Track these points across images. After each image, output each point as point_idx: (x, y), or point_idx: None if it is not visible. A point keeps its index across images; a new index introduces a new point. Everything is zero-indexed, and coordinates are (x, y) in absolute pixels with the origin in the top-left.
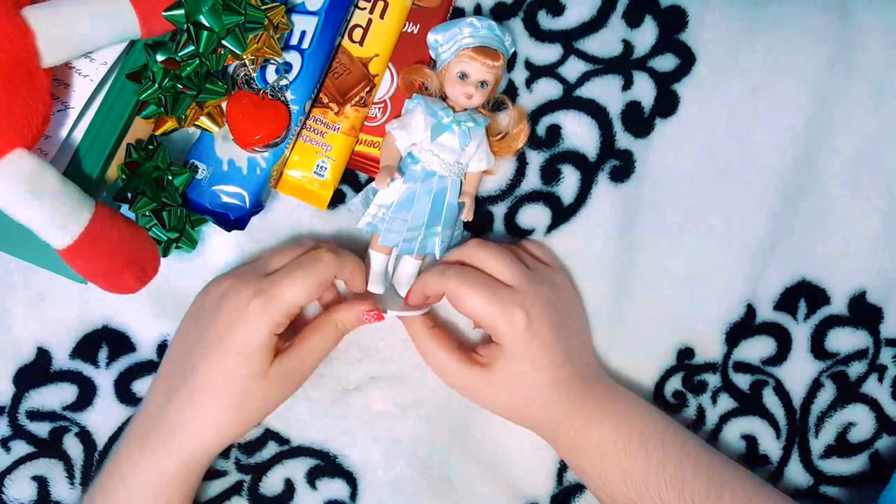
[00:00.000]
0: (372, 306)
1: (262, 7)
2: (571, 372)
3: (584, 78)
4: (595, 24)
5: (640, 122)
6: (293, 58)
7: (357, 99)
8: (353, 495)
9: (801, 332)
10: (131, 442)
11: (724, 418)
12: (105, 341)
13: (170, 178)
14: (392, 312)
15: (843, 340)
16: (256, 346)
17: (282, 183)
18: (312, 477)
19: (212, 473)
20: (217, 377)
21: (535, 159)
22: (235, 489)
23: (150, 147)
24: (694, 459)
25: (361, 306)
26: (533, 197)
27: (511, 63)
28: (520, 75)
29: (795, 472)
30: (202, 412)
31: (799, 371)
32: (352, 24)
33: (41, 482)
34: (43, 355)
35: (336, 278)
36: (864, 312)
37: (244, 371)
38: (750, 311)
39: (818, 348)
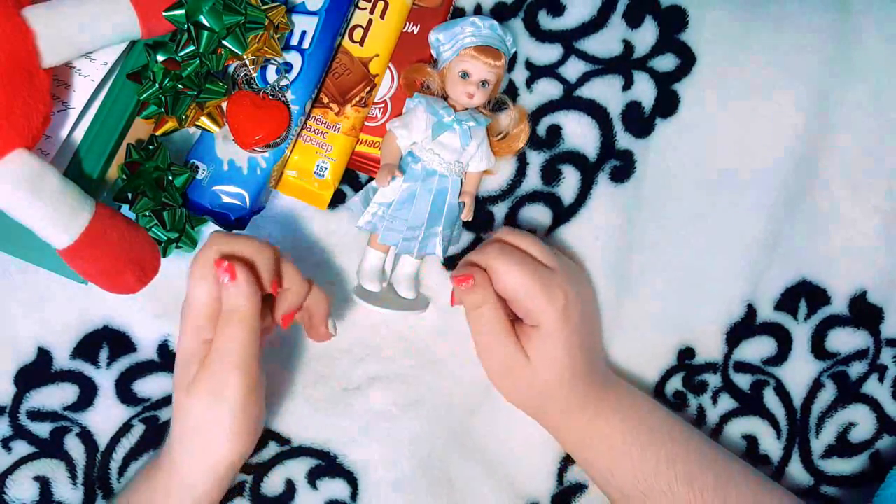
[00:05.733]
0: (225, 267)
1: (263, 7)
2: (591, 363)
3: (585, 78)
4: (595, 24)
5: (640, 122)
6: (293, 58)
7: (357, 99)
8: (354, 495)
9: (801, 332)
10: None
11: (725, 418)
12: (106, 341)
13: (170, 178)
14: (390, 311)
15: (844, 340)
16: (183, 356)
17: (282, 183)
18: (313, 477)
19: None
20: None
21: (536, 159)
22: (237, 490)
23: (151, 147)
24: (700, 455)
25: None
26: (533, 197)
27: (511, 63)
28: (520, 75)
29: (796, 472)
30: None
31: (799, 371)
32: (352, 24)
33: (43, 482)
34: (44, 355)
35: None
36: (864, 312)
37: (180, 384)
38: (750, 311)
39: (819, 348)
